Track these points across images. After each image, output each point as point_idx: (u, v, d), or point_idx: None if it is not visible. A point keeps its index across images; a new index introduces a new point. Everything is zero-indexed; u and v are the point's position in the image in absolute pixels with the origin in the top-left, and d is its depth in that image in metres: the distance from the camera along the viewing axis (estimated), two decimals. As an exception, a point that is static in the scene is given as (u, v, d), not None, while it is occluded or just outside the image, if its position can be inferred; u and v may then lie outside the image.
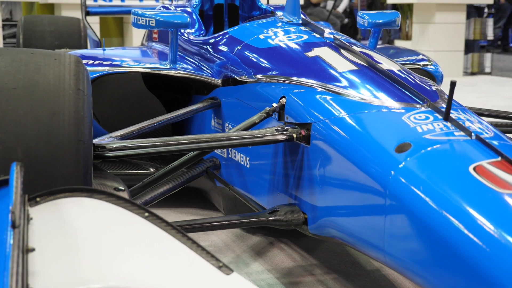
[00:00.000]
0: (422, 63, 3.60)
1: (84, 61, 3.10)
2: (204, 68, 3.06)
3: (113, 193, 1.55)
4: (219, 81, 2.88)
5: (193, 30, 3.60)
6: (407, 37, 11.31)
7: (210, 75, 2.97)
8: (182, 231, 1.53)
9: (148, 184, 2.44)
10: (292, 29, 2.75)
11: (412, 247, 1.63)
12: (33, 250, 1.38)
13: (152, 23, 2.94)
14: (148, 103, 3.15)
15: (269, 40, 2.69)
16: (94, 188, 1.54)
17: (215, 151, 2.92)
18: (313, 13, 12.17)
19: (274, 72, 2.47)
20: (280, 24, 2.85)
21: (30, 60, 1.86)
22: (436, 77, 3.59)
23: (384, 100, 2.03)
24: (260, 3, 4.08)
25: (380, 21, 3.14)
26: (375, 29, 3.20)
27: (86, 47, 5.53)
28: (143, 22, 2.97)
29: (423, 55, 3.78)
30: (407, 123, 1.86)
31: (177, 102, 3.24)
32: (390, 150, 1.78)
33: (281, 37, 2.68)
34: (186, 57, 3.29)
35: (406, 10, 11.38)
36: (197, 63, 3.15)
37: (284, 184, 2.31)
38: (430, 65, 3.61)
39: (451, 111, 1.92)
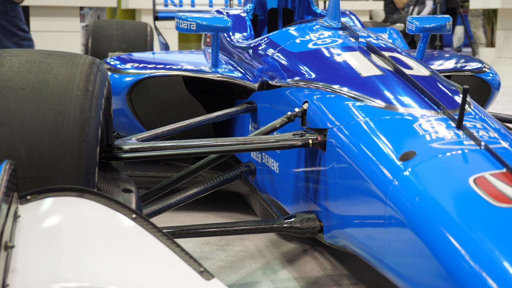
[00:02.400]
0: (477, 70, 3.45)
1: (129, 64, 3.18)
2: (244, 72, 3.05)
3: (104, 194, 1.56)
4: (255, 85, 2.86)
5: (244, 35, 3.60)
6: (492, 44, 10.94)
7: (249, 79, 2.96)
8: (167, 234, 1.53)
9: (166, 186, 2.45)
10: (329, 33, 2.70)
11: (408, 261, 1.56)
12: (12, 247, 1.40)
13: (193, 26, 2.96)
14: (191, 107, 3.16)
15: (304, 45, 2.65)
16: (85, 188, 1.55)
17: (251, 156, 2.90)
18: (400, 19, 11.97)
19: (303, 77, 2.43)
20: (319, 28, 2.81)
21: (44, 61, 1.90)
22: (492, 84, 3.44)
23: (400, 106, 1.96)
24: (315, 8, 4.04)
25: (429, 25, 3.04)
26: (424, 34, 3.10)
27: (151, 51, 5.63)
28: (184, 26, 2.99)
29: (485, 64, 3.63)
30: (417, 131, 1.79)
31: (219, 106, 3.24)
32: (394, 158, 1.71)
33: (316, 41, 2.63)
34: (231, 61, 3.30)
35: (491, 16, 11.02)
36: (239, 67, 3.15)
37: (305, 191, 2.26)
38: (486, 72, 3.46)
39: (468, 118, 1.83)
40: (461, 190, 1.50)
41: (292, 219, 2.18)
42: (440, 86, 2.16)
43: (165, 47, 6.21)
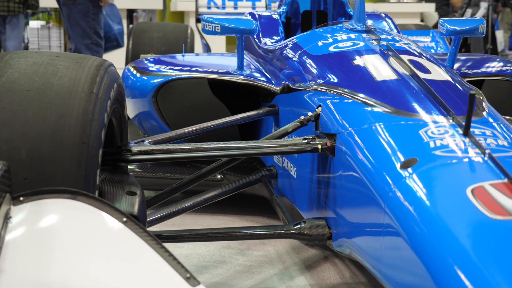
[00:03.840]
0: None
1: (156, 66, 3.19)
2: (269, 75, 3.02)
3: (96, 197, 1.55)
4: (278, 89, 2.83)
5: (275, 37, 3.58)
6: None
7: (273, 81, 2.93)
8: (156, 238, 1.51)
9: (177, 189, 2.44)
10: (352, 36, 2.65)
11: (401, 272, 1.50)
12: (0, 248, 1.40)
13: (217, 29, 2.95)
14: (217, 109, 3.14)
15: (325, 48, 2.61)
16: (79, 191, 1.55)
17: (274, 160, 2.87)
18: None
19: (320, 80, 2.39)
20: (343, 31, 2.76)
21: (51, 63, 1.91)
22: (528, 89, 3.32)
23: (409, 112, 1.90)
24: (350, 10, 3.97)
25: (460, 28, 2.96)
26: (455, 37, 3.02)
27: (192, 52, 5.65)
28: (210, 28, 2.98)
29: None
30: (422, 137, 1.73)
31: (246, 109, 3.22)
32: (396, 165, 1.66)
33: (337, 44, 2.58)
34: (258, 64, 3.27)
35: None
36: (264, 70, 3.12)
37: (317, 197, 2.22)
38: None
39: (478, 125, 1.76)
40: (457, 201, 1.44)
41: (302, 225, 2.14)
42: (457, 91, 2.08)
43: (207, 48, 6.23)
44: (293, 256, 2.81)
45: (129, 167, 3.30)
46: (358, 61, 2.34)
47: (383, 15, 3.92)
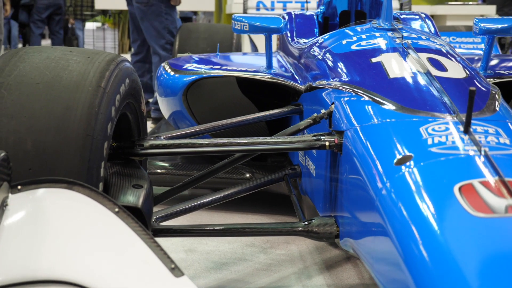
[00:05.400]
0: None
1: (188, 65, 3.23)
2: (296, 74, 3.02)
3: (92, 187, 1.58)
4: (302, 87, 2.82)
5: (310, 37, 3.57)
6: None
7: (300, 80, 2.93)
8: (146, 229, 1.53)
9: (188, 184, 2.46)
10: (377, 34, 2.62)
11: (390, 272, 1.47)
12: (-9, 234, 1.45)
13: (246, 27, 2.96)
14: (245, 108, 3.15)
15: (347, 46, 2.59)
16: (75, 181, 1.58)
17: (299, 159, 2.86)
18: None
19: (337, 78, 2.37)
20: (369, 29, 2.73)
21: (63, 58, 1.95)
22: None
23: (414, 109, 1.87)
24: (389, 10, 3.91)
25: (493, 27, 2.89)
26: (488, 36, 2.95)
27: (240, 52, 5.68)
28: (238, 27, 3.00)
29: None
30: (421, 134, 1.69)
31: (274, 108, 3.22)
32: (391, 162, 1.63)
33: (360, 43, 2.56)
34: (288, 63, 3.27)
35: None
36: (293, 69, 3.12)
37: (328, 195, 2.21)
38: None
39: (482, 123, 1.72)
40: (443, 197, 1.40)
41: (311, 223, 2.13)
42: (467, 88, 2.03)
43: (255, 49, 6.27)
44: (315, 255, 2.79)
45: (162, 164, 3.36)
46: (376, 59, 2.31)
47: (423, 15, 3.86)
